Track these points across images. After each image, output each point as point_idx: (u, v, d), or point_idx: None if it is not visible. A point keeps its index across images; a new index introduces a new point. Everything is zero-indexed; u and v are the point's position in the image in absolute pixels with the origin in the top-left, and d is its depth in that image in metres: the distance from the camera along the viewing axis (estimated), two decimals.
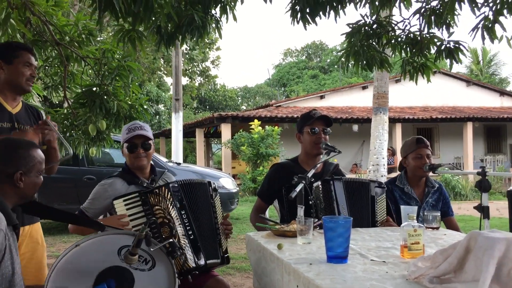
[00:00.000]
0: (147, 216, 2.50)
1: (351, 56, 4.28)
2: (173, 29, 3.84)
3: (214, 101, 35.93)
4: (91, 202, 2.78)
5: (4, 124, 2.63)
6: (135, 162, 2.81)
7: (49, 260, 6.01)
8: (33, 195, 2.03)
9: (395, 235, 2.52)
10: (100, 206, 2.76)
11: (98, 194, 2.78)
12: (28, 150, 1.97)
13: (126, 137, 2.80)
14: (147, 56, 18.63)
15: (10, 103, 2.71)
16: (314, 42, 47.33)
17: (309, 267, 1.83)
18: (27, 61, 2.71)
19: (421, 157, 3.30)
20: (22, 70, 2.68)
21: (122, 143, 2.84)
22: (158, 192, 2.53)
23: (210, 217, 2.69)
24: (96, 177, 7.72)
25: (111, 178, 2.83)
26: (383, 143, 10.49)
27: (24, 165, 1.94)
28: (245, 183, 13.90)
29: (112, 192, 2.72)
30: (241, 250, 6.40)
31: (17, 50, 2.71)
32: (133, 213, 2.52)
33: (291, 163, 3.17)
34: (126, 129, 2.85)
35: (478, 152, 19.41)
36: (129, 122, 3.09)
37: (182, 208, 2.57)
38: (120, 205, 2.53)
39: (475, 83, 21.29)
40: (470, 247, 1.53)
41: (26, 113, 2.80)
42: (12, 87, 2.69)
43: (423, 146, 3.33)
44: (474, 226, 8.30)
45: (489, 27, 3.74)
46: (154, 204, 2.50)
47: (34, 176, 1.98)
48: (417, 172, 3.33)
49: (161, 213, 2.49)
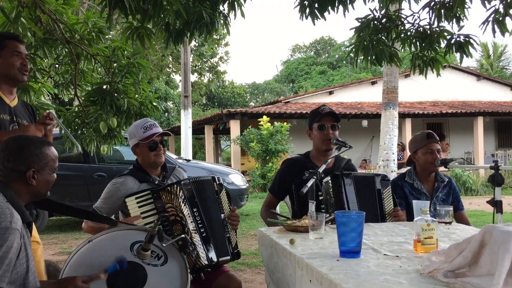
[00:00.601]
0: (159, 214, 2.50)
1: (360, 51, 4.26)
2: (182, 25, 3.85)
3: (222, 98, 35.95)
4: (103, 201, 2.78)
5: (4, 116, 2.60)
6: (156, 159, 2.81)
7: (61, 256, 6.09)
8: (46, 192, 2.03)
9: (407, 229, 2.51)
10: (113, 205, 2.76)
11: (110, 193, 2.78)
12: (41, 148, 1.97)
13: (144, 135, 2.79)
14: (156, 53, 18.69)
15: (8, 96, 2.66)
16: (322, 37, 47.20)
17: (322, 261, 1.83)
18: (15, 49, 2.61)
19: (432, 152, 3.27)
20: (11, 60, 2.60)
21: (138, 141, 2.81)
22: (170, 190, 2.54)
23: (218, 213, 2.70)
24: (106, 174, 7.76)
25: (122, 176, 2.82)
26: (393, 138, 10.45)
27: (36, 162, 1.93)
28: (255, 180, 13.90)
29: (124, 190, 2.73)
30: (252, 246, 6.40)
31: (3, 40, 2.61)
32: (145, 210, 2.53)
33: (302, 158, 3.17)
34: (141, 127, 2.82)
35: (489, 147, 19.24)
36: (138, 120, 3.06)
37: (194, 205, 2.58)
38: (132, 203, 2.54)
39: (486, 77, 21.10)
40: (485, 241, 1.52)
41: (23, 107, 2.77)
42: (6, 79, 2.63)
43: (433, 140, 3.30)
44: (485, 221, 8.25)
45: (499, 20, 3.71)
46: (166, 202, 2.51)
47: (47, 174, 1.97)
48: (428, 167, 3.30)
49: (173, 211, 2.50)
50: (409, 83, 17.82)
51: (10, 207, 1.78)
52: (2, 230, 1.69)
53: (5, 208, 1.75)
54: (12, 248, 1.70)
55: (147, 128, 2.81)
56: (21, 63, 2.63)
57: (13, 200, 1.83)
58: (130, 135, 2.87)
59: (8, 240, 1.68)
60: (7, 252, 1.68)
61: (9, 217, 1.73)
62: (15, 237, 1.71)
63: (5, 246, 1.68)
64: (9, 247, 1.69)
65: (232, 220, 2.75)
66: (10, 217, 1.73)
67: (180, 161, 8.71)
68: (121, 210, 2.80)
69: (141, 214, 2.52)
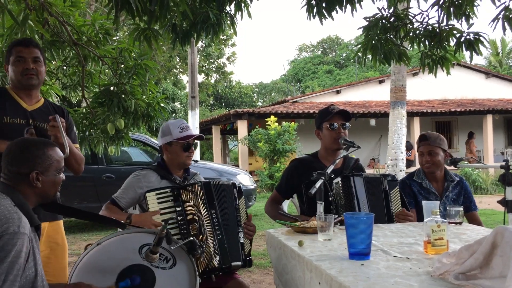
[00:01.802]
0: (177, 212, 2.52)
1: (369, 50, 4.23)
2: (188, 26, 3.85)
3: (229, 98, 35.97)
4: (123, 191, 2.80)
5: (16, 120, 2.63)
6: (186, 160, 2.87)
7: (70, 258, 6.07)
8: (54, 194, 2.02)
9: (417, 230, 2.49)
10: (132, 196, 2.78)
11: (131, 183, 2.80)
12: (43, 149, 1.96)
13: (181, 135, 2.82)
14: (163, 54, 18.73)
15: (27, 100, 2.70)
16: (329, 36, 47.09)
17: (331, 263, 1.81)
18: (17, 55, 2.65)
19: (423, 154, 3.30)
20: (15, 67, 2.65)
21: (173, 140, 2.82)
22: (191, 189, 2.56)
23: (235, 219, 2.70)
24: (115, 176, 7.78)
25: (145, 169, 2.86)
26: (401, 137, 10.40)
27: (39, 164, 1.92)
28: (262, 180, 13.89)
29: (146, 183, 2.76)
30: (260, 247, 6.39)
31: (11, 48, 2.69)
32: (164, 207, 2.55)
33: (310, 158, 3.15)
34: (178, 127, 2.84)
35: (498, 145, 19.10)
36: (173, 120, 3.07)
37: (212, 207, 2.59)
38: (152, 198, 2.56)
39: (494, 75, 20.90)
40: (496, 243, 1.49)
41: (47, 110, 2.77)
42: (18, 84, 2.68)
43: (424, 143, 3.29)
44: (496, 220, 8.18)
45: (510, 18, 3.67)
46: (186, 201, 2.53)
47: (52, 175, 1.96)
48: (424, 169, 3.30)
49: (192, 210, 2.52)
50: (417, 81, 17.72)
51: (18, 211, 1.78)
52: (11, 235, 1.69)
53: (13, 213, 1.75)
54: (22, 252, 1.70)
55: (184, 128, 2.85)
56: (23, 67, 2.64)
57: (21, 204, 1.83)
58: (164, 133, 2.88)
59: (17, 245, 1.69)
60: (16, 257, 1.68)
61: (17, 221, 1.73)
62: (24, 241, 1.71)
63: (15, 251, 1.68)
64: (19, 251, 1.69)
65: (247, 230, 2.74)
66: (18, 222, 1.73)
67: None
68: (139, 204, 2.80)
69: (160, 210, 2.54)
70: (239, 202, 2.75)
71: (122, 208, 2.76)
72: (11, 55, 2.66)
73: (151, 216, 2.52)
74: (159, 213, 2.53)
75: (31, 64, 2.64)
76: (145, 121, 4.36)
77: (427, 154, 3.26)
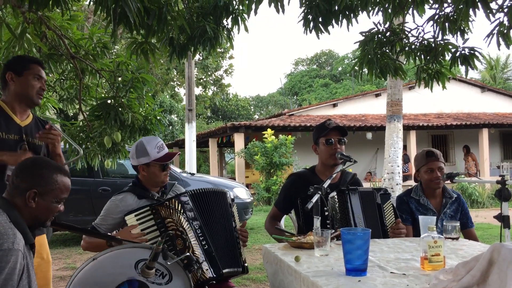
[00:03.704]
0: (159, 230, 2.50)
1: (365, 64, 4.25)
2: (186, 40, 3.87)
3: (226, 111, 36.03)
4: (103, 218, 2.77)
5: (11, 135, 2.63)
6: (164, 179, 2.84)
7: (65, 272, 6.05)
8: (45, 221, 1.94)
9: (414, 246, 2.48)
10: (112, 222, 2.75)
11: (109, 210, 2.77)
12: (53, 173, 1.93)
13: (159, 156, 2.78)
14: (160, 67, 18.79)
15: (19, 116, 2.71)
16: (323, 51, 47.36)
17: (328, 280, 1.80)
18: (37, 73, 2.71)
19: (432, 170, 3.25)
20: (32, 83, 2.69)
21: (151, 161, 2.77)
22: (168, 205, 2.54)
23: (227, 226, 2.68)
24: (111, 188, 7.76)
25: (121, 193, 2.81)
26: (397, 151, 10.41)
27: (41, 185, 1.89)
28: (259, 193, 13.86)
29: (124, 207, 2.72)
30: (256, 261, 6.36)
31: (27, 63, 2.72)
32: (146, 227, 2.53)
33: (308, 172, 3.15)
34: (155, 147, 2.79)
35: (494, 159, 19.14)
36: (146, 136, 3.03)
37: (194, 219, 2.57)
38: (132, 221, 2.54)
39: (490, 89, 21.04)
40: (493, 259, 1.49)
41: (36, 126, 2.81)
42: (22, 99, 2.70)
43: (434, 159, 3.27)
44: (492, 234, 8.17)
45: (504, 33, 3.69)
46: (166, 217, 2.51)
47: (49, 201, 1.91)
48: (430, 185, 3.28)
49: (173, 226, 2.49)
50: (413, 95, 17.80)
51: (13, 228, 1.76)
52: (5, 252, 1.67)
53: (7, 229, 1.74)
54: (16, 269, 1.68)
55: (160, 148, 2.81)
56: (40, 87, 2.73)
57: (17, 220, 1.81)
58: (140, 153, 2.80)
59: (10, 261, 1.67)
60: (11, 273, 1.66)
61: (11, 237, 1.71)
62: (17, 258, 1.70)
63: (8, 268, 1.66)
64: (12, 268, 1.67)
65: (241, 235, 2.74)
66: (12, 238, 1.71)
67: (184, 175, 8.70)
68: (121, 227, 2.78)
69: (141, 231, 2.51)
70: (233, 208, 2.74)
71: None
72: (27, 69, 2.69)
73: (129, 231, 2.50)
74: (136, 226, 2.51)
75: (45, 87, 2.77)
76: (142, 134, 4.36)
77: (437, 170, 3.24)
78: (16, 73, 2.68)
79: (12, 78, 2.68)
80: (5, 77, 2.70)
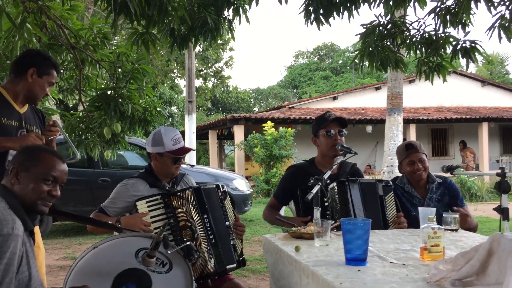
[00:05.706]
0: (169, 219, 2.51)
1: (366, 57, 4.25)
2: (186, 31, 3.85)
3: (226, 103, 36.00)
4: (112, 201, 2.78)
5: (12, 122, 2.70)
6: (175, 171, 2.84)
7: (65, 261, 6.07)
8: (33, 202, 1.86)
9: (413, 237, 2.49)
10: (121, 205, 2.75)
11: (119, 193, 2.78)
12: (39, 152, 1.92)
13: (174, 148, 2.77)
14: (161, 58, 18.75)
15: (18, 104, 2.78)
16: (325, 44, 47.26)
17: (328, 269, 1.81)
18: (52, 81, 2.82)
19: (414, 162, 3.27)
20: (45, 88, 2.79)
21: (165, 151, 2.77)
22: (181, 195, 2.55)
23: (223, 221, 2.70)
24: (110, 179, 7.76)
25: (132, 178, 2.82)
26: (397, 144, 10.42)
27: (23, 161, 1.86)
28: (259, 185, 13.88)
29: (134, 192, 2.73)
30: (256, 252, 6.38)
31: (51, 68, 2.80)
32: (155, 215, 2.54)
33: (307, 164, 3.15)
34: (171, 139, 2.78)
35: (494, 153, 19.16)
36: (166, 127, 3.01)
37: (204, 212, 2.59)
38: (143, 207, 2.55)
39: (490, 83, 21.02)
40: (493, 250, 1.50)
41: (32, 113, 2.89)
42: (29, 96, 2.78)
43: (414, 151, 3.28)
44: (491, 227, 8.20)
45: (505, 26, 3.69)
46: (177, 207, 2.52)
47: (33, 177, 1.84)
48: (413, 177, 3.30)
49: (184, 216, 2.51)
50: (414, 88, 17.78)
51: (12, 214, 1.76)
52: (5, 237, 1.67)
53: (6, 215, 1.74)
54: (15, 255, 1.69)
55: (177, 141, 2.81)
56: (46, 92, 2.83)
57: (15, 207, 1.81)
58: (156, 141, 2.79)
59: (11, 246, 1.67)
60: (11, 259, 1.67)
61: (10, 223, 1.71)
62: (17, 243, 1.70)
63: (9, 253, 1.66)
64: (13, 253, 1.68)
65: (237, 230, 2.75)
66: (12, 224, 1.72)
67: (184, 166, 8.71)
68: (129, 212, 2.79)
69: (151, 218, 2.53)
70: (225, 202, 2.74)
71: (110, 217, 2.74)
72: (47, 74, 2.78)
73: (140, 218, 2.51)
74: (148, 214, 2.53)
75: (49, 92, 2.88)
76: (142, 125, 4.36)
77: (418, 161, 3.27)
78: (39, 73, 2.74)
79: (32, 75, 2.72)
80: (26, 69, 2.72)
